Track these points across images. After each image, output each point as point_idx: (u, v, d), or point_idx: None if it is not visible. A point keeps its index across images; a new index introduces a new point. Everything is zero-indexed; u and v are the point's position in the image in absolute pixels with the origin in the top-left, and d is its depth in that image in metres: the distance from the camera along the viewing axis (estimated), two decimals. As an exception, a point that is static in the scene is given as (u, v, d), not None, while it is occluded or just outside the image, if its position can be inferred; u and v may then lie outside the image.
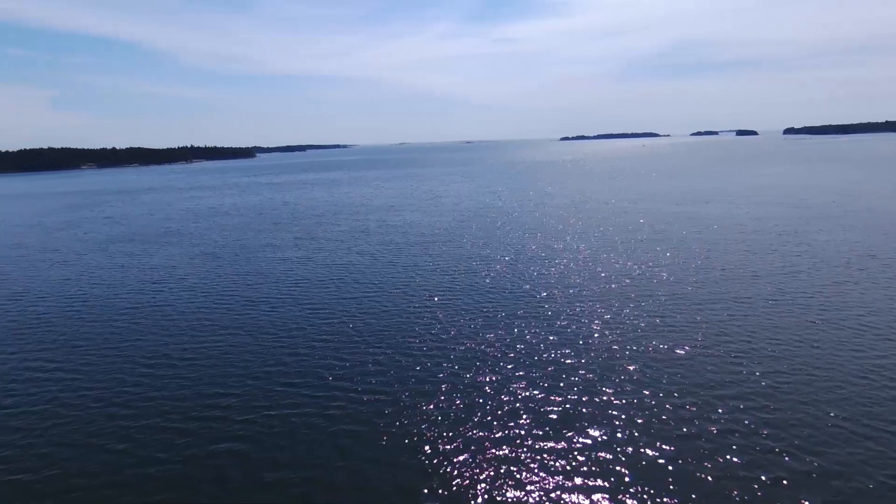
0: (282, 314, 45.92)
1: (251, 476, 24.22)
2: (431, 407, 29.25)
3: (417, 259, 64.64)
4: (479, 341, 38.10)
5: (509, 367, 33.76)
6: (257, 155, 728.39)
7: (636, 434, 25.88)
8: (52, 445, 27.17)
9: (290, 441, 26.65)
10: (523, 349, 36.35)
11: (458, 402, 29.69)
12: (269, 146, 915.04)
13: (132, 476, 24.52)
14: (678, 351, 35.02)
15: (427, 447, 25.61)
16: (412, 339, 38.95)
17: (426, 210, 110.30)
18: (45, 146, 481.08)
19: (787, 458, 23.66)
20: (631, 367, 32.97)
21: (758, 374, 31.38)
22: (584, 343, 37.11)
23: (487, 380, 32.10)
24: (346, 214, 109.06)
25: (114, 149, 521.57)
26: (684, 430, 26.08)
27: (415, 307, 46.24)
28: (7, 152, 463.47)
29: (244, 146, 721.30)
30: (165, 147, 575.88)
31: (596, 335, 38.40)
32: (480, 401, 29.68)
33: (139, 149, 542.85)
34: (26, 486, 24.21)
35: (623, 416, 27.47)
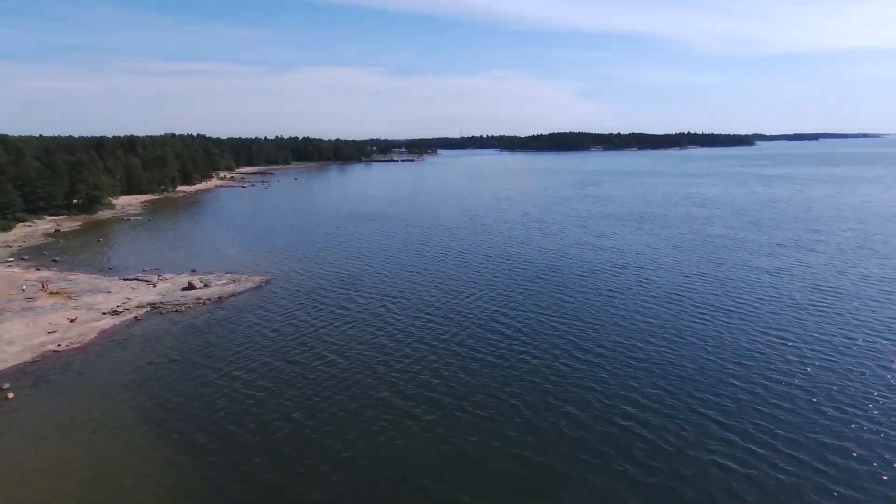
0: (734, 334, 40.75)
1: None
2: None
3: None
4: None
5: None
6: (756, 143, 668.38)
7: None
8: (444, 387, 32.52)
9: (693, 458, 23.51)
10: None
11: None
12: (772, 133, 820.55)
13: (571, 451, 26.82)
14: None
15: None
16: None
17: None
18: (568, 131, 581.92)
19: None
20: None
21: None
22: None
23: None
24: (851, 222, 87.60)
25: (618, 133, 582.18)
26: None
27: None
28: (541, 135, 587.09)
29: (742, 133, 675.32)
30: (662, 133, 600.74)
31: None
32: None
33: (638, 134, 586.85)
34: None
35: None
